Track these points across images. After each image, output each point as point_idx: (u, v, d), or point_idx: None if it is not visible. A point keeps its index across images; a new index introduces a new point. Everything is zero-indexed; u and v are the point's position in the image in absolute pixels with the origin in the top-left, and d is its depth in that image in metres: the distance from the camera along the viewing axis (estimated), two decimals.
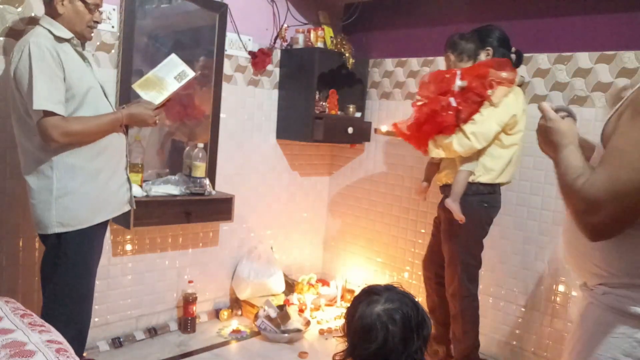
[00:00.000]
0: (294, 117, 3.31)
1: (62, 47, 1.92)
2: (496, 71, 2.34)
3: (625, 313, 1.12)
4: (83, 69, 1.99)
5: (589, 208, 1.04)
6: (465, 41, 2.46)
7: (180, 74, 2.20)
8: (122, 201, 2.17)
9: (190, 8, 2.85)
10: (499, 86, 2.33)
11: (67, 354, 1.33)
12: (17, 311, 1.58)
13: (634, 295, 1.11)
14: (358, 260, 3.65)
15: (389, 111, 3.47)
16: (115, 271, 2.79)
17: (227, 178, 3.15)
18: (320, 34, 3.30)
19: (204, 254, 3.17)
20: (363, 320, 1.22)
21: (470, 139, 2.35)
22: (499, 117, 2.34)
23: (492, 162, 2.43)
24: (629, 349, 1.11)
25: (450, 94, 2.39)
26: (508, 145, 2.42)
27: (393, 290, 1.27)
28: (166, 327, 3.00)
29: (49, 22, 1.93)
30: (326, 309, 3.43)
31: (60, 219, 1.94)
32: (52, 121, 1.84)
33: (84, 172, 1.97)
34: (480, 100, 2.35)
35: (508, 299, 2.89)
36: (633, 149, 1.01)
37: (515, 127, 2.40)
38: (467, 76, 2.38)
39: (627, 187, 1.00)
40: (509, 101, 2.36)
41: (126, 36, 2.57)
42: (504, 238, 2.88)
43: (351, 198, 3.70)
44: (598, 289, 1.18)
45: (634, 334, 1.11)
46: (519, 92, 2.46)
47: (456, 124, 2.38)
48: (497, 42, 2.45)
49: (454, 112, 2.37)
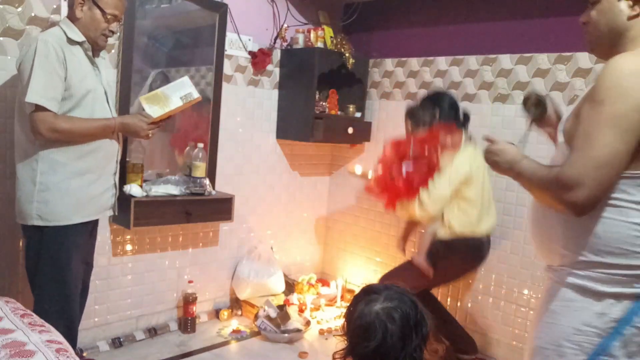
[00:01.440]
0: (294, 117, 3.31)
1: (71, 49, 1.98)
2: (444, 136, 2.49)
3: (584, 289, 1.28)
4: (87, 72, 2.03)
5: (571, 187, 1.20)
6: (421, 110, 2.61)
7: (186, 95, 2.22)
8: (105, 205, 2.19)
9: (190, 8, 2.85)
10: (446, 151, 2.49)
11: (67, 354, 1.33)
12: (17, 311, 1.58)
13: (591, 273, 1.27)
14: (358, 260, 3.65)
15: (389, 111, 3.47)
16: (115, 271, 2.79)
17: (227, 178, 3.15)
18: (320, 34, 3.29)
19: (204, 254, 3.17)
20: (362, 319, 1.22)
21: (426, 207, 2.48)
22: (450, 180, 2.47)
23: (461, 217, 2.51)
24: (589, 320, 1.27)
25: (407, 158, 2.55)
26: (473, 198, 2.51)
27: (392, 289, 1.28)
28: (166, 327, 3.00)
29: (66, 24, 2.01)
30: (326, 309, 3.43)
31: (40, 212, 1.99)
32: (42, 116, 1.89)
33: (66, 169, 2.00)
34: (430, 165, 2.49)
35: (508, 299, 2.89)
36: (599, 131, 1.18)
37: (471, 183, 2.51)
38: (419, 143, 2.54)
39: (600, 162, 1.17)
40: (457, 163, 2.48)
41: (126, 36, 2.57)
42: (504, 238, 2.88)
43: (351, 198, 3.70)
44: (562, 269, 1.34)
45: (593, 307, 1.27)
46: (469, 149, 2.55)
47: (413, 189, 2.51)
48: (446, 105, 2.58)
49: (408, 178, 2.51)
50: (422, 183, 2.48)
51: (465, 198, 2.50)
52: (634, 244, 1.21)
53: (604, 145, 1.17)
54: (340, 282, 3.56)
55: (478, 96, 3.00)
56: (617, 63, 1.19)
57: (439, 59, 3.18)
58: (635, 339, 1.24)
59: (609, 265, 1.24)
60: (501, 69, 2.89)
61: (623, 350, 1.25)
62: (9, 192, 2.36)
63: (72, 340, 2.13)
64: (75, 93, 1.97)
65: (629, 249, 1.22)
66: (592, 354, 1.27)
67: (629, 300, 1.24)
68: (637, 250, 1.21)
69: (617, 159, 1.17)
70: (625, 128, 1.16)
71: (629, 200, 1.21)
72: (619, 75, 1.17)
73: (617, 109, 1.16)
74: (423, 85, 3.26)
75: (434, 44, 3.21)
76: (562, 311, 1.32)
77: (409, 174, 2.51)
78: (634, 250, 1.22)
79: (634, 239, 1.21)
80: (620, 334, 1.24)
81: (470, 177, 2.49)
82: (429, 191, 2.48)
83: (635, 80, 1.15)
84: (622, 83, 1.16)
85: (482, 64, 2.98)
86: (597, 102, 1.19)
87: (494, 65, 2.92)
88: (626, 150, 1.17)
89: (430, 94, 2.69)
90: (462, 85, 3.07)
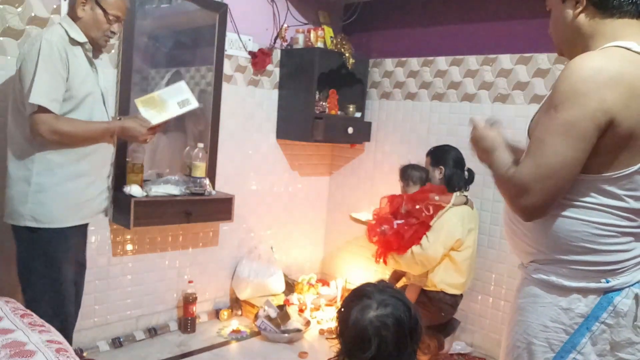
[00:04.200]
0: (294, 117, 3.31)
1: (73, 49, 1.95)
2: (434, 195, 2.60)
3: (551, 285, 1.27)
4: (87, 74, 2.01)
5: (520, 192, 1.20)
6: (412, 170, 2.77)
7: (183, 101, 2.22)
8: (98, 209, 2.18)
9: (190, 8, 2.85)
10: (434, 209, 2.60)
11: (67, 354, 1.33)
12: (17, 311, 1.58)
13: (558, 269, 1.26)
14: (358, 260, 3.65)
15: (389, 111, 3.47)
16: (115, 271, 2.79)
17: (227, 178, 3.15)
18: (320, 34, 3.29)
19: (204, 254, 3.17)
20: (357, 328, 1.20)
21: (419, 265, 2.59)
22: (444, 241, 2.55)
23: (446, 279, 2.60)
24: (555, 316, 1.26)
25: (399, 216, 2.69)
26: (460, 264, 2.60)
27: (385, 291, 1.25)
28: (166, 327, 3.00)
29: (68, 23, 1.98)
30: (326, 309, 3.43)
31: (34, 214, 1.96)
32: (44, 117, 1.87)
33: (63, 171, 1.99)
34: (419, 222, 2.60)
35: (508, 299, 2.88)
36: (550, 138, 1.15)
37: (462, 246, 2.60)
38: (410, 201, 2.67)
39: (548, 170, 1.15)
40: (451, 226, 2.56)
41: (126, 36, 2.57)
42: (504, 238, 2.87)
43: (351, 198, 3.70)
44: (530, 266, 1.33)
45: (559, 302, 1.26)
46: (464, 211, 2.62)
47: (404, 244, 2.60)
48: (452, 162, 2.68)
49: (398, 233, 2.62)
50: (411, 237, 2.59)
51: (453, 261, 2.60)
52: (597, 242, 1.20)
53: (554, 153, 1.14)
54: (340, 282, 3.56)
55: (478, 96, 3.00)
56: (575, 65, 1.13)
57: (439, 59, 3.18)
58: (604, 335, 1.22)
59: (573, 262, 1.23)
60: (501, 69, 2.89)
61: (592, 347, 1.23)
62: None
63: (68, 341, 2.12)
64: (76, 95, 1.96)
65: (592, 247, 1.20)
66: (561, 350, 1.25)
67: (595, 295, 1.22)
68: (600, 248, 1.20)
69: (566, 167, 1.14)
70: (577, 136, 1.12)
71: (590, 202, 1.19)
72: (575, 79, 1.12)
73: (570, 116, 1.12)
74: (423, 85, 3.26)
75: (434, 44, 3.21)
76: (530, 307, 1.31)
77: (400, 229, 2.62)
78: (598, 249, 1.20)
79: (596, 237, 1.20)
80: (589, 330, 1.22)
81: (462, 242, 2.58)
82: (423, 249, 2.56)
83: (591, 86, 1.10)
84: (577, 88, 1.11)
85: (482, 64, 2.98)
86: (551, 106, 1.15)
87: (494, 65, 2.92)
88: (578, 157, 1.13)
89: (438, 147, 2.78)
90: (462, 85, 3.07)
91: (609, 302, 1.21)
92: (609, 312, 1.21)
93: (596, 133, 1.12)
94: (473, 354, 2.98)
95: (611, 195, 1.18)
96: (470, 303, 3.01)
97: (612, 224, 1.19)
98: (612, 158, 1.16)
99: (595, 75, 1.10)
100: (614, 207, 1.19)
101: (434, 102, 3.21)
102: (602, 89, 1.10)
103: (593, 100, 1.10)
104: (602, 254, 1.21)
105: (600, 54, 1.16)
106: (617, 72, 1.11)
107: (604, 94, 1.10)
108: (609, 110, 1.10)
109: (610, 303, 1.21)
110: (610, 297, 1.22)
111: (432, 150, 2.78)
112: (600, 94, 1.10)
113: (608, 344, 1.23)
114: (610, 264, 1.21)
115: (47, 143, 1.93)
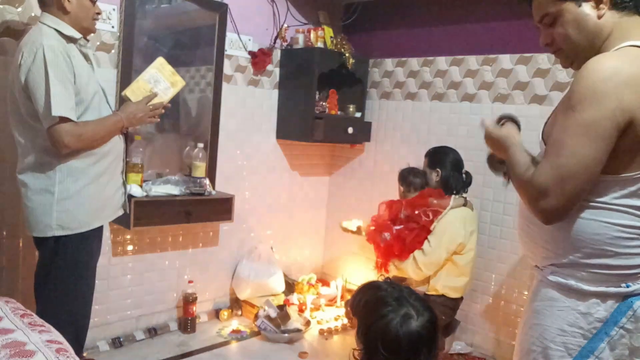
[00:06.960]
0: (294, 117, 3.31)
1: (70, 50, 1.90)
2: (432, 200, 2.60)
3: (569, 288, 1.25)
4: (88, 73, 1.98)
5: (540, 195, 1.18)
6: (414, 177, 2.76)
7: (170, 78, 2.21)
8: (117, 205, 2.18)
9: (190, 8, 2.85)
10: (433, 214, 2.59)
11: (67, 354, 1.33)
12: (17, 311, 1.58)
13: (576, 273, 1.24)
14: (358, 260, 3.65)
15: (389, 111, 3.47)
16: (115, 271, 2.79)
17: (227, 178, 3.15)
18: (320, 34, 3.29)
19: (204, 254, 3.17)
20: (395, 336, 1.19)
21: (422, 270, 2.57)
22: (447, 246, 2.54)
23: (447, 283, 2.60)
24: (573, 320, 1.24)
25: (399, 221, 2.69)
26: (462, 267, 2.60)
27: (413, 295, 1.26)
28: (166, 327, 3.00)
29: (54, 21, 1.88)
30: (326, 309, 3.43)
31: (61, 222, 1.93)
32: (66, 127, 1.83)
33: (85, 175, 1.96)
34: (419, 227, 2.60)
35: (508, 299, 2.89)
36: (569, 138, 1.14)
37: (465, 249, 2.60)
38: (409, 206, 2.66)
39: (568, 172, 1.14)
40: (454, 230, 2.55)
41: (126, 36, 2.57)
42: (504, 238, 2.88)
43: (351, 198, 3.69)
44: (547, 269, 1.31)
45: (577, 306, 1.24)
46: (465, 214, 2.61)
47: (405, 249, 2.60)
48: (449, 165, 2.67)
49: (398, 237, 2.62)
50: (412, 242, 2.59)
51: (456, 265, 2.60)
52: (618, 245, 1.18)
53: (574, 154, 1.13)
54: (340, 282, 3.56)
55: (478, 96, 3.00)
56: (594, 65, 1.12)
57: (439, 59, 3.18)
58: (623, 340, 1.21)
59: (593, 266, 1.21)
60: (501, 69, 2.89)
61: (611, 353, 1.21)
62: (9, 193, 2.36)
63: (80, 346, 2.10)
64: (85, 97, 1.92)
65: (612, 249, 1.19)
66: (578, 355, 1.24)
67: (613, 300, 1.21)
68: (621, 251, 1.19)
69: (587, 168, 1.13)
70: (597, 136, 1.11)
71: (610, 202, 1.18)
72: (594, 79, 1.11)
73: (589, 116, 1.11)
74: (423, 85, 3.26)
75: (434, 44, 3.21)
76: (546, 311, 1.29)
77: (400, 233, 2.63)
78: (619, 252, 1.19)
79: (616, 240, 1.18)
80: (607, 335, 1.21)
81: (464, 246, 2.58)
82: (425, 254, 2.55)
83: (610, 85, 1.09)
84: (596, 88, 1.10)
85: (482, 64, 2.98)
86: (569, 107, 1.14)
87: (494, 65, 2.92)
88: (598, 158, 1.12)
89: (436, 148, 2.77)
90: (462, 85, 3.06)
91: (629, 307, 1.20)
92: (628, 317, 1.20)
93: (616, 133, 1.12)
94: (473, 354, 2.97)
95: (631, 196, 1.17)
96: (471, 303, 3.01)
97: (633, 226, 1.18)
98: (632, 158, 1.15)
99: (613, 75, 1.10)
100: (635, 208, 1.18)
101: (434, 102, 3.21)
102: (621, 88, 1.10)
103: (612, 99, 1.10)
104: (623, 257, 1.19)
105: (616, 55, 1.16)
106: (635, 72, 1.11)
107: (623, 93, 1.10)
108: (628, 109, 1.10)
109: (630, 308, 1.20)
110: (630, 302, 1.21)
111: (430, 152, 2.77)
112: (619, 94, 1.10)
113: (627, 349, 1.22)
114: (631, 267, 1.20)
115: (71, 151, 1.89)
